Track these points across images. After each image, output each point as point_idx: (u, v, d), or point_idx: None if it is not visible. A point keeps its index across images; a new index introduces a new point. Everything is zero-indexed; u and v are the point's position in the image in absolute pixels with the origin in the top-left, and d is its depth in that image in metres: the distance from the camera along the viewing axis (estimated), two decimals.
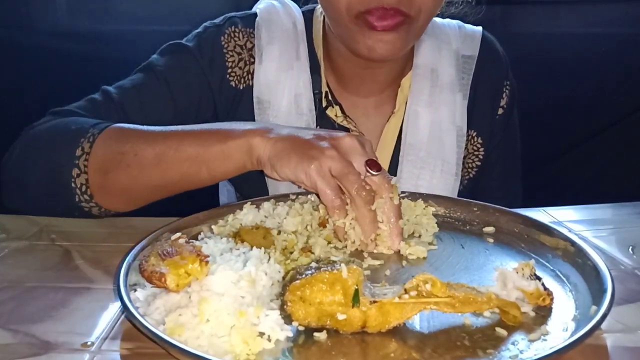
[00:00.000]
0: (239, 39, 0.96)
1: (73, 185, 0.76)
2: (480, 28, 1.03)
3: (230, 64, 0.95)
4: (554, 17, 1.69)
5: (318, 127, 0.95)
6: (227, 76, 0.95)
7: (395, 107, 0.97)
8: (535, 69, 1.52)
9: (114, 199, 0.78)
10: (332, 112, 0.96)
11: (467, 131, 0.99)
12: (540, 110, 1.57)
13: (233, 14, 0.99)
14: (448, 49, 0.99)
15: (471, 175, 1.02)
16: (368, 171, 0.67)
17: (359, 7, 0.81)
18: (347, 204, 0.67)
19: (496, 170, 1.04)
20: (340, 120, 0.96)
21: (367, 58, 0.86)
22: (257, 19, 0.97)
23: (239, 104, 0.96)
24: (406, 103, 0.97)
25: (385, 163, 0.97)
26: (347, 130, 0.96)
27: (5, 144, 0.86)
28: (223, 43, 0.95)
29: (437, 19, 1.03)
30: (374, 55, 0.84)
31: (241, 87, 0.96)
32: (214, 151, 0.72)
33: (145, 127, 0.78)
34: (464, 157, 1.00)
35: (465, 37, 1.01)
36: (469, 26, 1.04)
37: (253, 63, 0.95)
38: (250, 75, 0.96)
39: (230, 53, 0.95)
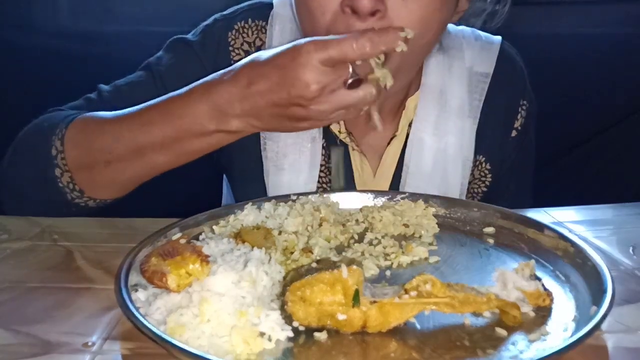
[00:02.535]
0: (248, 36, 0.91)
1: (60, 184, 0.75)
2: (499, 38, 0.96)
3: (234, 62, 0.91)
4: (554, 17, 1.69)
5: (322, 137, 0.91)
6: None
7: (398, 131, 0.92)
8: (536, 69, 1.51)
9: (106, 191, 0.77)
10: (336, 128, 0.91)
11: (475, 156, 0.93)
12: (541, 110, 1.56)
13: (247, 4, 0.95)
14: (460, 66, 0.92)
15: (477, 201, 0.97)
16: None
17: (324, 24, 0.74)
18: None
19: (508, 190, 0.99)
20: (343, 136, 0.91)
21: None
22: (272, 11, 0.92)
23: None
24: (410, 125, 0.91)
25: (385, 188, 0.93)
26: (347, 147, 0.92)
27: (5, 144, 0.86)
28: (230, 40, 0.91)
29: (451, 26, 0.94)
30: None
31: None
32: (188, 142, 0.69)
33: (108, 116, 0.75)
34: (470, 182, 0.95)
35: (481, 50, 0.94)
36: (485, 36, 0.95)
37: None
38: None
39: (237, 51, 0.91)
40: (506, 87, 0.94)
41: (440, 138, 0.90)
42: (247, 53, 0.90)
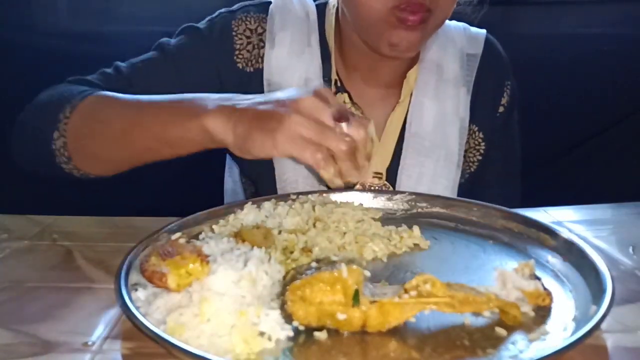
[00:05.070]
0: (250, 24, 0.99)
1: (53, 147, 0.80)
2: (484, 30, 1.07)
3: (238, 46, 0.98)
4: (554, 18, 1.69)
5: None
6: (235, 58, 0.98)
7: (401, 98, 1.00)
8: (536, 69, 1.52)
9: (90, 164, 0.82)
10: (341, 98, 0.99)
11: (470, 125, 1.02)
12: (541, 110, 1.57)
13: (248, 2, 1.02)
14: (453, 47, 1.03)
15: (472, 170, 1.04)
16: (338, 125, 0.66)
17: (392, 2, 0.84)
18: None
19: (495, 171, 1.06)
20: (348, 106, 0.98)
21: (387, 55, 0.90)
22: (271, 6, 1.01)
23: (248, 86, 0.98)
24: (411, 95, 1.00)
25: (389, 151, 0.99)
26: None
27: (6, 144, 0.86)
28: (233, 26, 0.98)
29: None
30: (395, 52, 0.88)
31: (249, 70, 0.98)
32: (172, 133, 0.72)
33: (122, 97, 0.81)
34: (466, 151, 1.02)
35: (470, 38, 1.05)
36: (473, 28, 1.08)
37: (263, 47, 0.98)
38: (260, 59, 0.98)
39: (239, 36, 0.98)
40: (492, 67, 1.05)
41: (439, 102, 0.99)
42: (249, 38, 0.99)
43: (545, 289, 0.56)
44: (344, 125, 0.66)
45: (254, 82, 0.98)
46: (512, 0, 1.69)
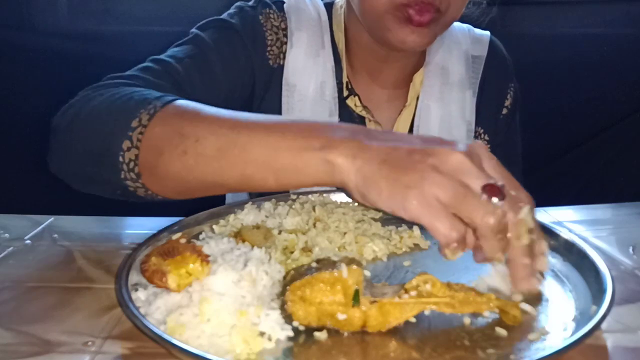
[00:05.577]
0: (274, 20, 0.99)
1: (120, 159, 0.66)
2: (487, 32, 1.08)
3: (269, 42, 0.97)
4: (554, 17, 1.69)
5: (338, 112, 0.97)
6: (267, 54, 0.97)
7: (407, 101, 1.00)
8: (536, 69, 1.52)
9: (163, 184, 0.67)
10: (352, 102, 0.99)
11: (476, 128, 1.03)
12: (541, 110, 1.57)
13: None
14: (458, 49, 1.04)
15: None
16: (487, 198, 0.53)
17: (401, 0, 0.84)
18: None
19: None
20: (359, 110, 0.99)
21: (396, 48, 0.90)
22: (285, 5, 1.00)
23: (270, 82, 0.98)
24: (417, 98, 1.00)
25: None
26: (363, 119, 0.98)
27: (6, 144, 0.86)
28: (262, 21, 0.98)
29: None
30: (404, 47, 0.88)
31: (275, 66, 0.98)
32: (284, 161, 0.58)
33: (213, 110, 0.66)
34: None
35: (474, 39, 1.06)
36: (477, 30, 1.08)
37: (286, 43, 0.99)
38: (283, 55, 0.98)
39: (269, 32, 0.98)
40: (497, 69, 1.06)
41: (445, 105, 1.00)
42: (276, 34, 0.98)
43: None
44: (494, 200, 0.52)
45: (275, 78, 0.98)
46: (512, 0, 1.69)
